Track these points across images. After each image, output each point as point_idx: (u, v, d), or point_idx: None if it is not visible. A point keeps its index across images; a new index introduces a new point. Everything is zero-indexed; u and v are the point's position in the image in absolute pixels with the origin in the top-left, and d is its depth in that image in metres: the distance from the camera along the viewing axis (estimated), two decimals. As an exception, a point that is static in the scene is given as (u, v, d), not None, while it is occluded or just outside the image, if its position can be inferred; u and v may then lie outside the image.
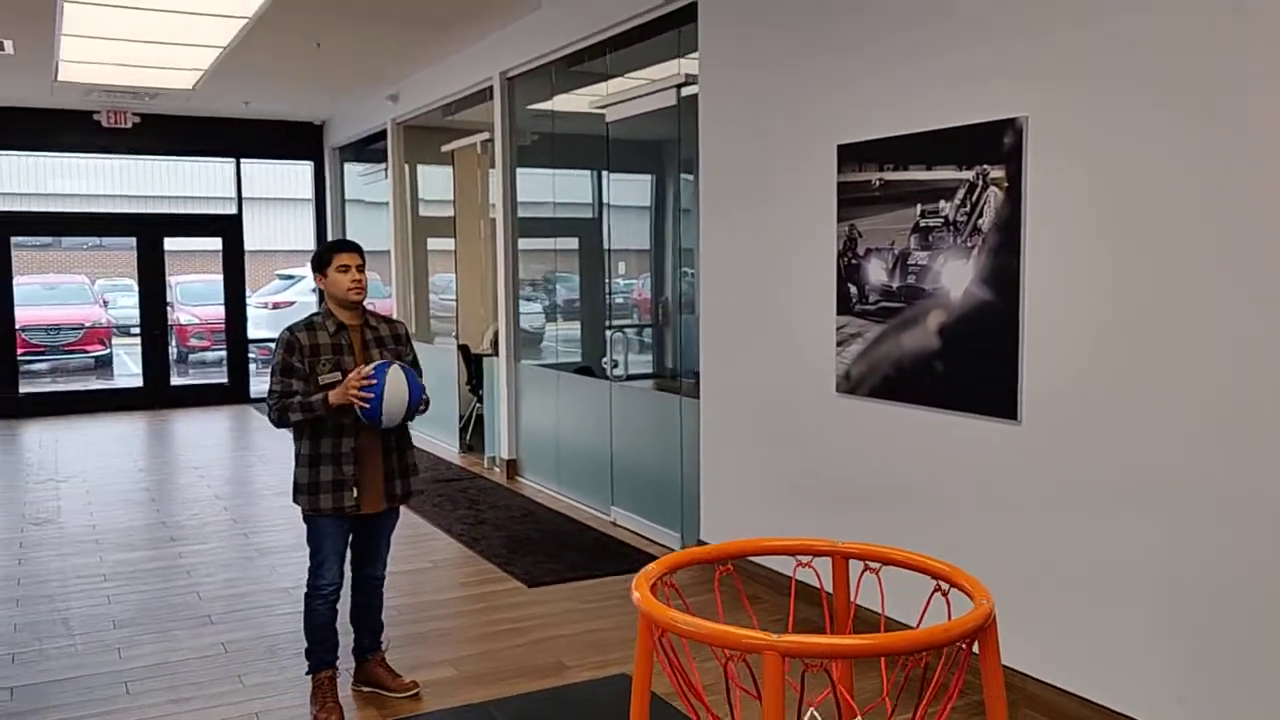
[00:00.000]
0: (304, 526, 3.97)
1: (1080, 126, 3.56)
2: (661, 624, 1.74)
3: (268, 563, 5.89)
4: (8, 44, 8.02)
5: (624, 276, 7.50)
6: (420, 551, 6.16)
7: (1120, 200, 3.44)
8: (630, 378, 6.90)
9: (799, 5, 4.79)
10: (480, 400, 9.04)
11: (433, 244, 10.96)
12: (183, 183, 14.07)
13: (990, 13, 3.87)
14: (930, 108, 4.16)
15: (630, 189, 7.29)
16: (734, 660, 1.67)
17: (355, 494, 3.86)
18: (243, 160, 12.48)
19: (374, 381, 3.71)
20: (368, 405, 3.70)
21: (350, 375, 3.76)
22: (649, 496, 6.40)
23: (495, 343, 8.54)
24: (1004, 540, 3.94)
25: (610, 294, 7.25)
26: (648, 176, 7.30)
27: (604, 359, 6.96)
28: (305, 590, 4.01)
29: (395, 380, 3.74)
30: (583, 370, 7.60)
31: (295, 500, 3.91)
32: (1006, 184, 3.88)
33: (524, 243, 8.16)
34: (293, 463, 3.94)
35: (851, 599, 2.13)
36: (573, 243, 8.24)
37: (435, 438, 9.81)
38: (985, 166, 3.97)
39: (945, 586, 1.97)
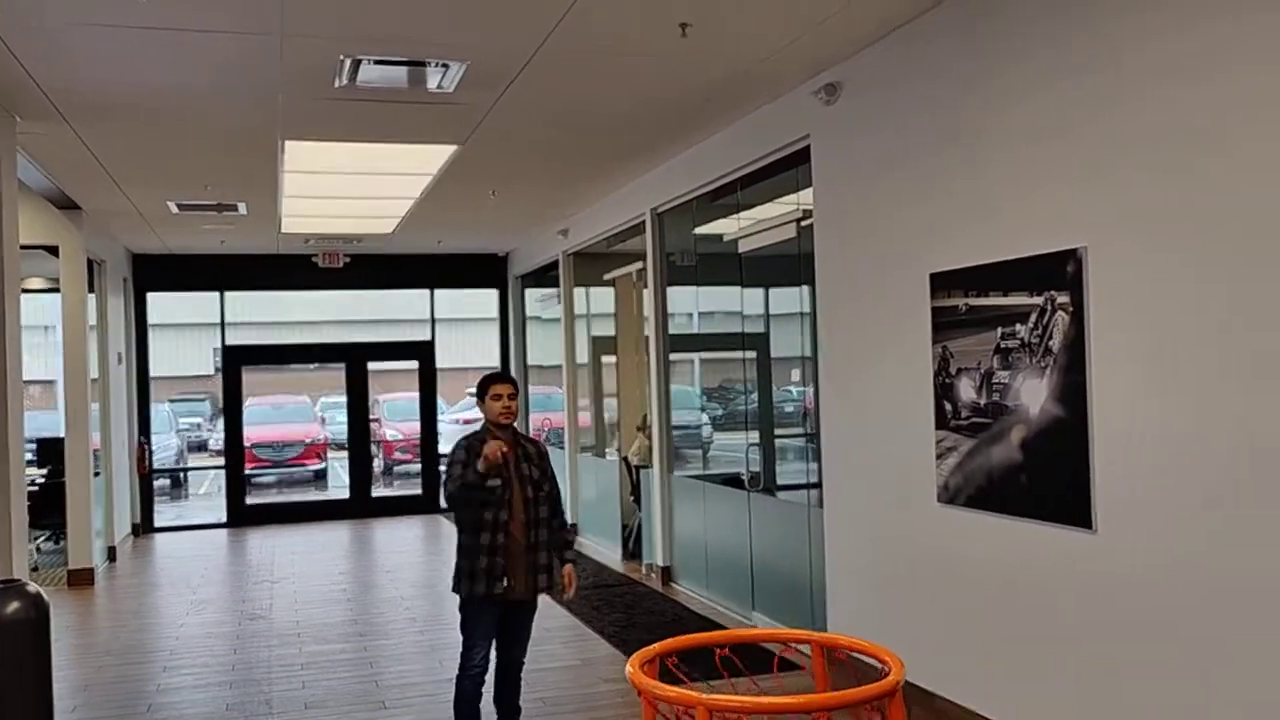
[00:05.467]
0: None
1: (1132, 254, 3.90)
2: (640, 688, 2.28)
3: (438, 656, 6.61)
4: (241, 205, 9.46)
5: (782, 387, 7.98)
6: (573, 650, 6.74)
7: (1171, 320, 3.76)
8: (779, 488, 7.36)
9: (891, 148, 5.32)
10: (641, 510, 9.64)
11: (606, 360, 11.80)
12: (387, 309, 15.63)
13: (1052, 158, 4.29)
14: (1005, 240, 4.57)
15: (774, 305, 7.84)
16: (683, 714, 2.18)
17: (505, 583, 4.54)
18: (436, 290, 13.84)
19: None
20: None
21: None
22: (785, 601, 6.79)
23: (648, 455, 9.16)
24: (1079, 642, 4.18)
25: (752, 406, 7.77)
26: (793, 291, 7.84)
27: (744, 470, 7.45)
28: (457, 670, 4.68)
29: None
30: (729, 481, 8.10)
31: (454, 586, 4.63)
32: (1071, 308, 4.24)
33: (676, 356, 8.83)
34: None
35: (828, 674, 2.58)
36: (722, 356, 8.85)
37: (600, 545, 10.47)
38: (1052, 292, 4.33)
39: (884, 666, 2.40)
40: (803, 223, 6.48)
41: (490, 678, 4.75)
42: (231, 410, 13.35)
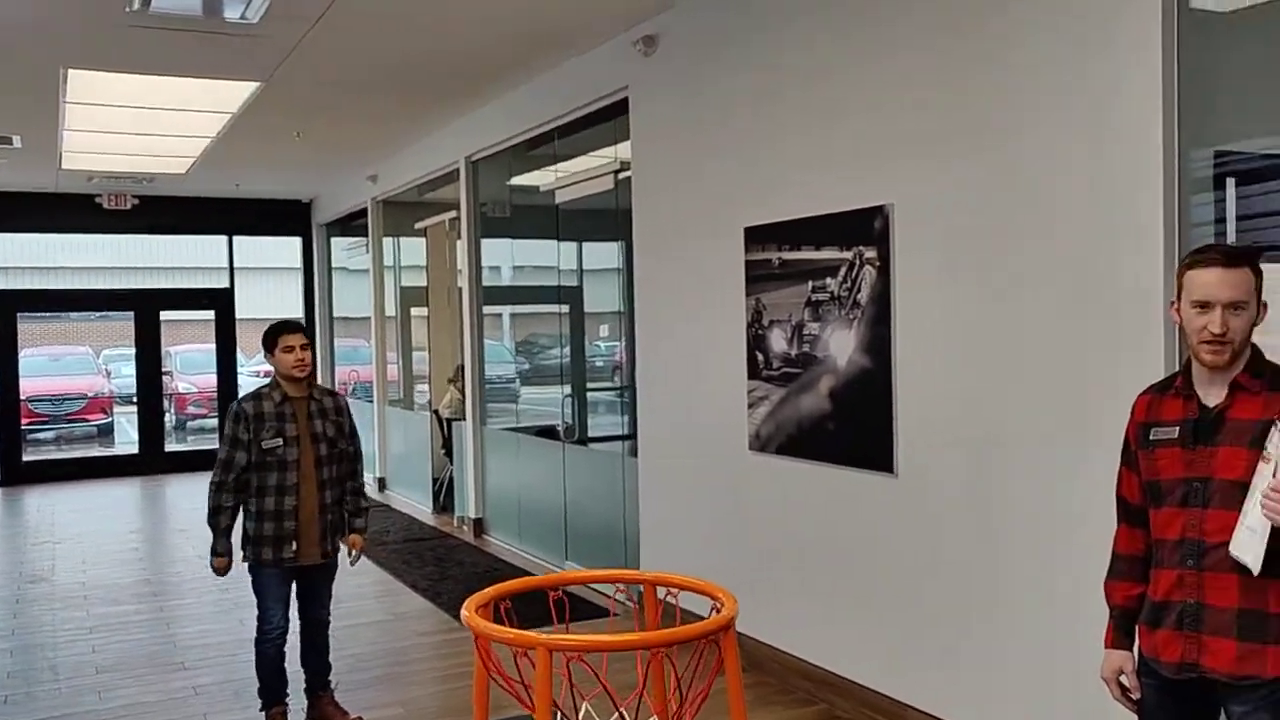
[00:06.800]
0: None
1: (934, 211, 4.10)
2: (477, 631, 2.26)
3: (238, 615, 6.36)
4: (16, 139, 8.68)
5: (594, 340, 7.99)
6: (384, 605, 6.62)
7: (966, 275, 3.98)
8: (592, 439, 7.40)
9: (708, 103, 5.38)
10: (452, 462, 9.53)
11: (415, 312, 11.53)
12: (180, 256, 14.75)
13: (861, 117, 4.44)
14: (818, 196, 4.71)
15: (590, 259, 7.84)
16: (520, 655, 2.18)
17: (294, 547, 4.37)
18: (235, 236, 13.16)
19: None
20: None
21: None
22: (598, 550, 6.88)
23: (460, 407, 9.06)
24: (884, 581, 4.42)
25: (565, 359, 7.77)
26: (609, 245, 7.86)
27: (559, 422, 7.47)
28: (255, 635, 4.51)
29: None
30: (543, 432, 8.11)
31: (243, 550, 4.43)
32: (879, 263, 4.42)
33: (489, 309, 8.74)
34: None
35: (658, 614, 2.64)
36: (536, 309, 8.81)
37: (411, 499, 10.30)
38: (861, 248, 4.51)
39: (718, 603, 2.47)
40: (620, 175, 6.50)
41: (296, 638, 4.60)
42: (4, 361, 12.34)
